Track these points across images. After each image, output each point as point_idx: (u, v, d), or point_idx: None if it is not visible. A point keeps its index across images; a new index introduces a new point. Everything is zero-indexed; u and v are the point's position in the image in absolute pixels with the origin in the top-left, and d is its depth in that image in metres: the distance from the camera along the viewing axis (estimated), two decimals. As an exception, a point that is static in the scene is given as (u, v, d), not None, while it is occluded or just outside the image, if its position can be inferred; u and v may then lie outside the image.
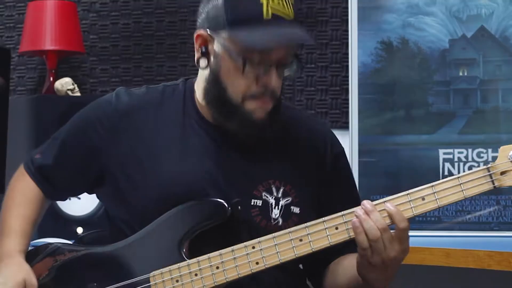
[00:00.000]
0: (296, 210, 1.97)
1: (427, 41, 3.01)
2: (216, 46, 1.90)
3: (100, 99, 2.10)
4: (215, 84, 1.91)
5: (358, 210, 1.81)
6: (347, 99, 3.12)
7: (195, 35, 1.95)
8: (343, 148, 2.12)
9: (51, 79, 3.36)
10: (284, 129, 2.01)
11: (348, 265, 1.98)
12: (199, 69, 2.00)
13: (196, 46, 1.95)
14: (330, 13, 3.32)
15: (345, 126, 3.20)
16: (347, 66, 3.12)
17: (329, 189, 2.05)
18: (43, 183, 2.11)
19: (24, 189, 2.11)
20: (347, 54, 3.11)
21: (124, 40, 3.53)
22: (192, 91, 2.03)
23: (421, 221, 2.93)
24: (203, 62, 1.93)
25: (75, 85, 3.29)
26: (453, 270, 2.53)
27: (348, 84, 3.10)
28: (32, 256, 2.04)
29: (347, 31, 3.12)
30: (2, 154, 2.90)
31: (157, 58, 3.50)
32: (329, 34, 3.32)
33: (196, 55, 1.95)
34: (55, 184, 2.11)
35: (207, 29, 1.90)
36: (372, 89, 3.05)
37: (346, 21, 3.18)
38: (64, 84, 3.26)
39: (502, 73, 2.96)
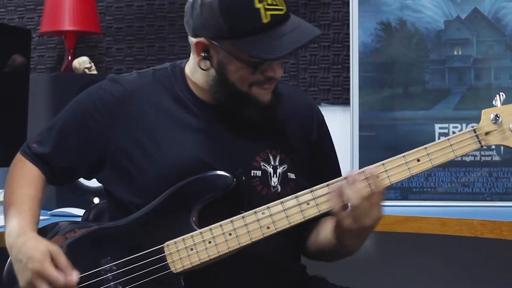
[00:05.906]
0: (292, 176, 2.02)
1: (424, 22, 3.03)
2: (220, 52, 1.91)
3: (93, 86, 2.09)
4: (222, 83, 1.94)
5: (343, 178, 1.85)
6: (348, 77, 3.14)
7: (193, 42, 1.94)
8: (323, 116, 2.17)
9: (69, 58, 3.38)
10: None
11: (328, 227, 2.01)
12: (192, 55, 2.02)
13: (196, 50, 1.95)
14: (332, -4, 3.32)
15: (346, 102, 3.24)
16: (348, 45, 3.14)
17: (317, 153, 2.11)
18: (42, 165, 2.09)
19: (24, 172, 2.08)
20: (348, 34, 3.13)
21: (138, 21, 3.54)
22: (183, 72, 2.05)
23: (418, 192, 2.99)
24: (204, 65, 1.94)
25: (92, 64, 3.30)
26: (449, 238, 2.57)
27: (349, 63, 3.12)
28: (40, 235, 1.98)
29: (348, 12, 3.14)
30: (23, 129, 2.91)
31: (169, 38, 3.50)
32: (331, 15, 3.34)
33: (197, 59, 1.95)
34: (53, 171, 2.10)
35: (208, 38, 1.90)
36: (372, 67, 3.07)
37: (347, 3, 3.20)
38: (82, 62, 3.28)
39: (495, 52, 2.99)
